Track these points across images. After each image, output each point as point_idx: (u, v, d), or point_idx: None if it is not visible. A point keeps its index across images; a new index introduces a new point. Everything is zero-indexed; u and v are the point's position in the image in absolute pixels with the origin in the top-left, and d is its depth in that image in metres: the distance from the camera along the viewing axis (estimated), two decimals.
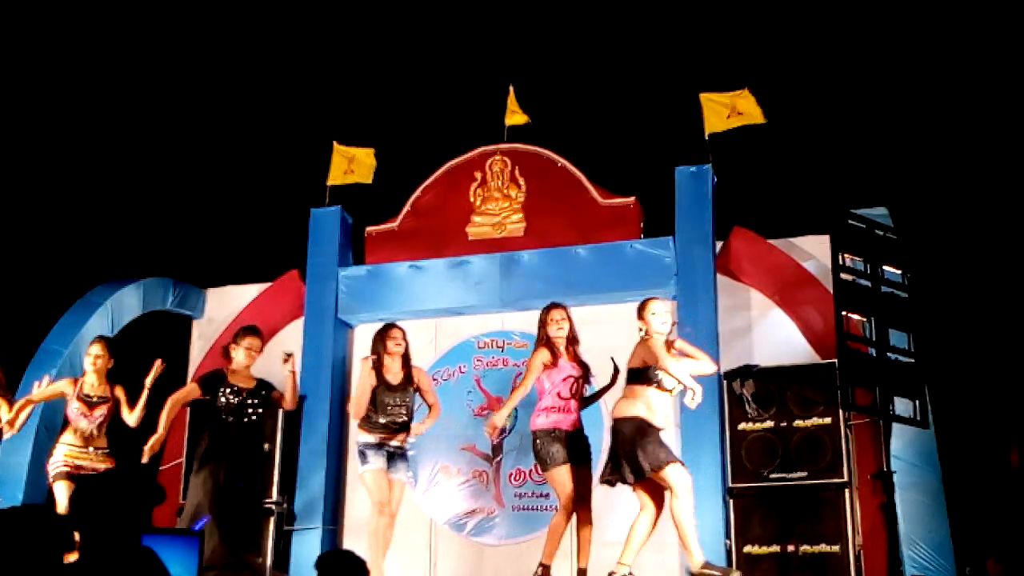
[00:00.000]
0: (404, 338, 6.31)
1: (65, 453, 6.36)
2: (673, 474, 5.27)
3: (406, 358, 6.30)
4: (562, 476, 5.69)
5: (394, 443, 6.16)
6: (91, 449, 6.38)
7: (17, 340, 7.76)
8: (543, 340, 5.91)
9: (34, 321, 7.98)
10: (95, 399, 6.42)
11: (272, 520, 7.15)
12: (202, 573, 4.29)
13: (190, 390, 6.40)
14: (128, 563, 2.75)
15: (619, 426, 5.45)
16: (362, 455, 6.13)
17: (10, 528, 2.72)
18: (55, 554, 2.73)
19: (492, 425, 5.89)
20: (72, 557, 2.86)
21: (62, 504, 6.16)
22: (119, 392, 6.48)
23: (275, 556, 7.09)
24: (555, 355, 5.84)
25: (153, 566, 2.75)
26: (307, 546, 7.11)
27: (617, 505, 6.17)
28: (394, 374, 6.22)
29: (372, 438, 6.11)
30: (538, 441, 5.75)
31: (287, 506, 7.29)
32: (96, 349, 6.51)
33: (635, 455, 5.32)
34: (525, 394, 5.89)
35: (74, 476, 6.30)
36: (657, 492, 5.48)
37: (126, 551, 2.79)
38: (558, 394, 5.79)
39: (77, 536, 2.82)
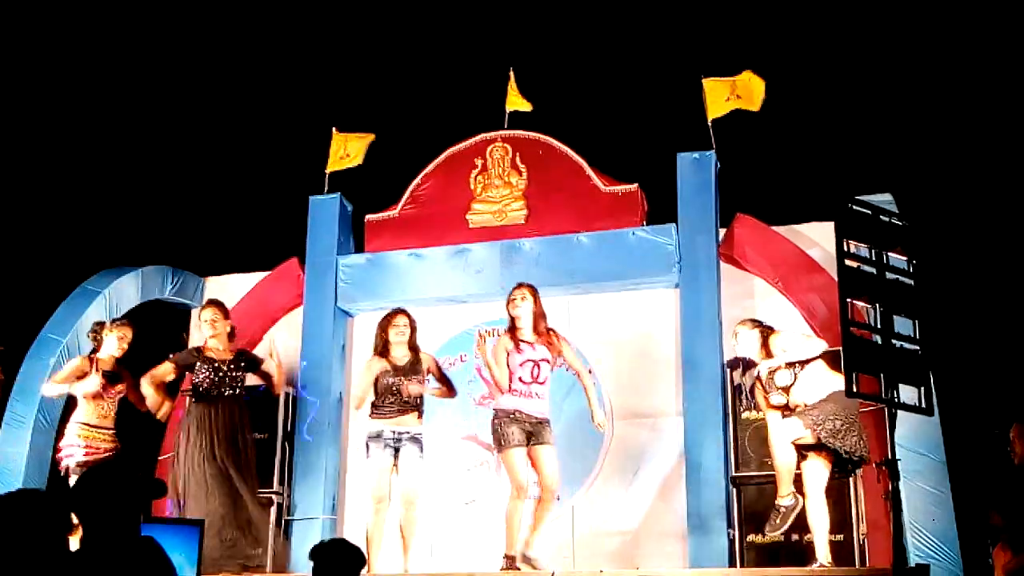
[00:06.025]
0: (409, 324, 6.38)
1: (78, 433, 6.39)
2: None
3: (412, 344, 6.37)
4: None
5: (402, 428, 6.17)
6: (102, 429, 6.43)
7: (16, 329, 7.71)
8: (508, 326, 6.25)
9: (33, 310, 7.93)
10: (114, 375, 6.57)
11: (272, 511, 7.11)
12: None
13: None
14: (130, 551, 2.71)
15: None
16: (366, 448, 6.20)
17: (11, 513, 2.69)
18: (57, 538, 2.70)
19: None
20: (74, 539, 2.84)
21: None
22: (127, 376, 6.64)
23: (275, 546, 7.06)
24: (516, 340, 6.14)
25: (155, 555, 2.71)
26: (307, 536, 7.06)
27: None
28: (399, 357, 6.32)
29: (379, 426, 6.15)
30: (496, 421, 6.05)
31: (287, 496, 7.25)
32: (123, 331, 6.68)
33: None
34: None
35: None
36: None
37: (127, 539, 2.75)
38: (519, 379, 6.03)
39: (75, 519, 2.79)
